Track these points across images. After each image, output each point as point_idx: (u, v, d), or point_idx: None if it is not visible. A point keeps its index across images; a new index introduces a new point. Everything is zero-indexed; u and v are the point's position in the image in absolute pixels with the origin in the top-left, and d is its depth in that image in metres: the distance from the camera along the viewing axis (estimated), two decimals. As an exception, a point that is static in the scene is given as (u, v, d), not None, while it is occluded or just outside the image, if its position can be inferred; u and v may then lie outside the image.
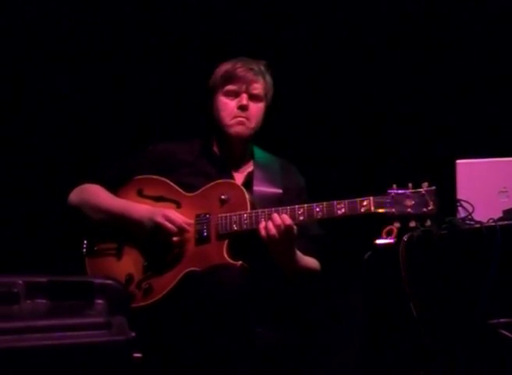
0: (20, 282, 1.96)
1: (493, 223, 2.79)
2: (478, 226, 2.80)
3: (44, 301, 1.97)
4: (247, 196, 2.74)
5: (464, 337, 2.83)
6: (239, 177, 2.91)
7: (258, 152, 2.97)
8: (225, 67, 2.90)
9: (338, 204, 2.61)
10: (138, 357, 2.03)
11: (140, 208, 2.78)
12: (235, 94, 2.87)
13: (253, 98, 2.87)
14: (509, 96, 3.85)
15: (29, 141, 3.74)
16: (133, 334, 1.95)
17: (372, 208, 2.58)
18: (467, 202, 2.84)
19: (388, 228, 2.61)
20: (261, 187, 2.86)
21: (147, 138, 3.07)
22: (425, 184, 2.57)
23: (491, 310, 2.76)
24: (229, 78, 2.86)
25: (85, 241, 2.83)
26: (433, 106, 3.91)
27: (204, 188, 2.80)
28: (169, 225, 2.70)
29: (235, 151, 2.94)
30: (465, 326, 2.82)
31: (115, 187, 2.86)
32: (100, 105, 3.79)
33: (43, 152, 3.74)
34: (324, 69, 3.91)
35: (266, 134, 2.96)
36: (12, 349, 1.83)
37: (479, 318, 2.76)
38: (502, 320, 2.78)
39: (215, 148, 2.95)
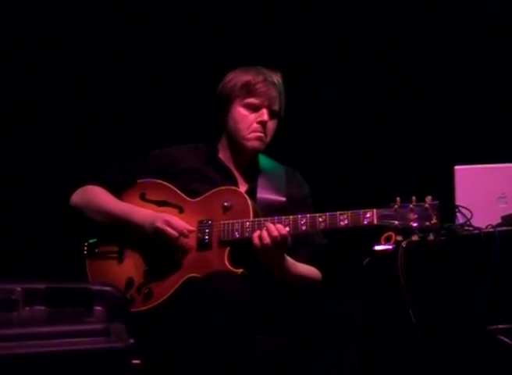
0: (19, 289, 1.95)
1: (492, 229, 2.79)
2: (476, 232, 2.80)
3: (42, 307, 1.97)
4: (250, 204, 2.73)
5: (463, 344, 2.83)
6: (243, 185, 2.90)
7: (263, 160, 2.96)
8: (244, 78, 2.86)
9: (341, 215, 2.61)
10: (137, 364, 2.03)
11: (142, 213, 2.77)
12: (255, 108, 2.84)
13: (271, 114, 2.86)
14: (508, 101, 3.86)
15: (30, 144, 3.75)
16: (132, 341, 1.95)
17: (375, 221, 2.58)
18: (466, 208, 2.84)
19: (386, 234, 2.61)
20: (264, 195, 2.85)
21: (152, 143, 3.07)
22: (429, 198, 2.56)
23: (490, 316, 2.76)
24: (250, 91, 2.83)
25: (86, 243, 2.83)
26: (432, 112, 3.92)
27: (207, 194, 2.79)
28: (170, 230, 2.70)
29: (243, 161, 2.93)
30: (464, 333, 2.82)
31: (118, 190, 2.85)
32: (105, 108, 3.80)
33: (44, 154, 3.76)
34: (326, 77, 3.92)
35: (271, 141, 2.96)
36: (10, 356, 1.83)
37: (478, 324, 2.76)
38: (501, 326, 2.78)
39: (221, 155, 2.93)
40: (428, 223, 2.55)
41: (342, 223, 2.61)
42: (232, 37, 3.87)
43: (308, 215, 2.65)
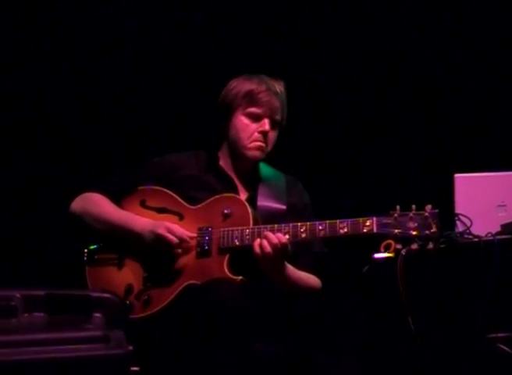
0: (18, 295, 1.96)
1: (491, 237, 2.79)
2: (476, 240, 2.80)
3: (41, 314, 1.97)
4: (250, 211, 2.73)
5: (462, 352, 2.83)
6: (243, 192, 2.90)
7: (264, 168, 2.96)
8: (247, 86, 2.85)
9: (340, 223, 2.61)
10: (135, 371, 2.03)
11: (141, 221, 2.77)
12: (256, 118, 2.84)
13: (273, 123, 2.85)
14: (507, 110, 3.86)
15: (29, 150, 3.76)
16: (131, 348, 1.95)
17: (375, 229, 2.57)
18: (466, 216, 2.84)
19: (386, 242, 2.61)
20: (265, 203, 2.84)
21: (153, 150, 3.07)
22: (429, 207, 2.56)
23: (489, 324, 2.76)
24: (253, 100, 2.83)
25: (86, 250, 2.83)
26: (432, 120, 3.92)
27: (207, 202, 2.79)
28: (171, 236, 2.69)
29: (244, 169, 2.92)
30: (464, 341, 2.82)
31: (117, 198, 2.85)
32: (106, 115, 3.81)
33: (44, 162, 3.76)
34: (326, 83, 3.93)
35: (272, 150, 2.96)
36: (9, 363, 1.83)
37: (478, 332, 2.76)
38: (500, 335, 2.78)
39: (222, 163, 2.93)
40: (427, 232, 2.55)
41: (341, 231, 2.61)
42: (234, 43, 3.88)
43: (308, 222, 2.65)
